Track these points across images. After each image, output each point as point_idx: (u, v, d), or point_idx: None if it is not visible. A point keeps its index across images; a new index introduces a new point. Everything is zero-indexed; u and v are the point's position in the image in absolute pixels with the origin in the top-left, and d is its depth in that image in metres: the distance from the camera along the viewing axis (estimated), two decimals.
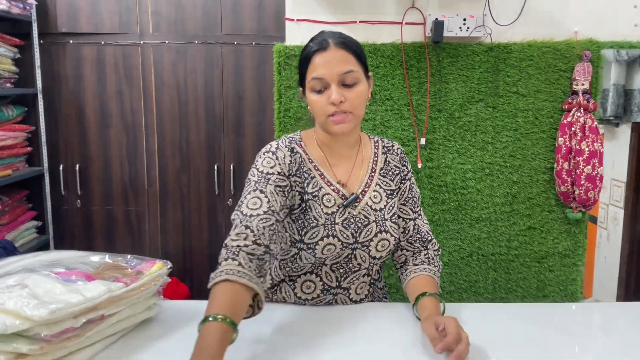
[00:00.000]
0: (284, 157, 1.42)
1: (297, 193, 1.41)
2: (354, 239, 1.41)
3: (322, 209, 1.40)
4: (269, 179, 1.37)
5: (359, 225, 1.41)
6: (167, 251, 3.29)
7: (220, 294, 1.13)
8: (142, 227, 3.29)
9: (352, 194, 1.43)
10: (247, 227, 1.25)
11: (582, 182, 2.39)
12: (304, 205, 1.41)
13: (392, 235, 1.44)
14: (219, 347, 1.02)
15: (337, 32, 1.43)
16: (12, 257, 1.39)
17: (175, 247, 3.30)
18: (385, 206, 1.46)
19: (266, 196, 1.33)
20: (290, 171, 1.42)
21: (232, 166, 3.18)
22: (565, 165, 2.44)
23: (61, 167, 3.23)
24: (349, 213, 1.42)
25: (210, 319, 1.05)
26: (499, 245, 2.59)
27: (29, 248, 3.05)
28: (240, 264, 1.17)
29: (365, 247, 1.42)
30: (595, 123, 2.40)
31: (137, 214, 3.28)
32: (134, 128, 3.19)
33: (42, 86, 3.13)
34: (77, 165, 3.22)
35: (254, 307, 1.21)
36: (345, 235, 1.39)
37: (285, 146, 1.45)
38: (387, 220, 1.44)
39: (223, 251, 1.22)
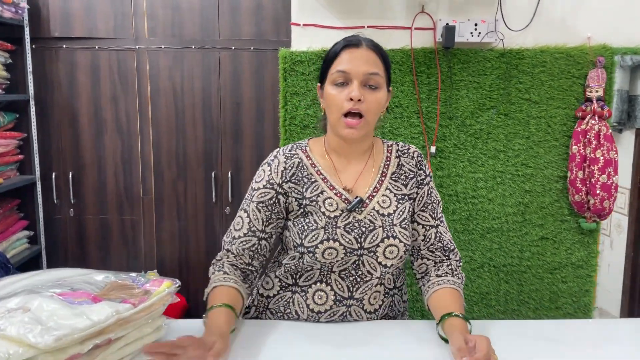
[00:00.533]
0: (277, 165, 1.43)
1: (294, 199, 1.41)
2: (359, 244, 1.36)
3: (322, 212, 1.38)
4: (253, 196, 1.43)
5: (364, 229, 1.37)
6: (163, 261, 3.20)
7: (216, 295, 1.34)
8: (138, 236, 3.19)
9: (357, 197, 1.39)
10: (228, 250, 1.43)
11: (598, 192, 2.34)
12: (301, 210, 1.40)
13: (400, 242, 1.38)
14: (225, 325, 1.23)
15: (370, 38, 1.42)
16: (12, 277, 1.31)
17: (171, 257, 3.21)
18: (394, 211, 1.41)
19: (248, 216, 1.42)
20: (284, 178, 1.42)
21: (229, 173, 3.10)
22: (580, 174, 2.39)
23: (54, 175, 3.13)
24: (354, 218, 1.38)
25: (215, 306, 1.28)
26: (510, 256, 2.54)
27: (20, 259, 2.95)
28: (225, 272, 1.39)
29: (372, 253, 1.37)
30: (610, 131, 2.35)
31: (132, 223, 3.19)
32: (129, 135, 3.10)
33: (34, 92, 3.04)
34: (70, 173, 3.13)
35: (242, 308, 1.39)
36: (347, 240, 1.35)
37: (283, 153, 1.45)
38: (395, 225, 1.39)
39: (210, 268, 1.43)
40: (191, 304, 3.17)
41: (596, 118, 2.35)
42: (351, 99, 1.32)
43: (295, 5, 2.42)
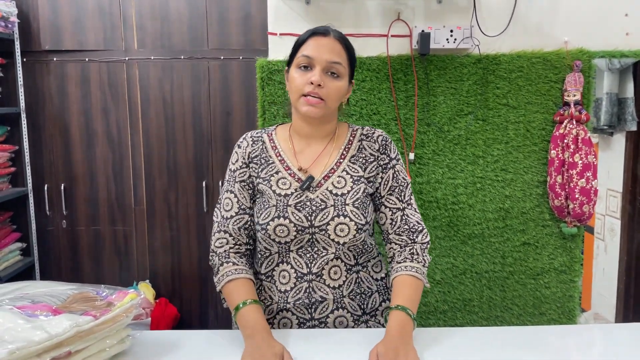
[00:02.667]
0: (246, 147, 1.53)
1: (254, 178, 1.49)
2: (309, 222, 1.41)
3: (273, 191, 1.44)
4: (235, 177, 1.50)
5: (314, 208, 1.41)
6: (156, 271, 3.22)
7: (234, 290, 1.38)
8: (130, 247, 3.22)
9: (309, 176, 1.44)
10: (225, 231, 1.47)
11: (577, 196, 2.32)
12: (257, 188, 1.48)
13: (351, 220, 1.40)
14: (263, 320, 1.31)
15: (339, 31, 1.49)
16: None
17: (163, 266, 3.23)
18: (348, 192, 1.44)
19: (235, 196, 1.49)
20: (250, 159, 1.50)
21: (220, 182, 3.12)
22: (559, 179, 2.37)
23: (46, 187, 3.17)
24: (306, 197, 1.43)
25: (241, 305, 1.33)
26: (493, 262, 2.52)
27: (13, 270, 2.98)
28: (234, 263, 1.43)
29: (323, 232, 1.41)
30: (589, 135, 2.34)
31: (124, 234, 3.21)
32: (120, 146, 3.13)
33: (26, 105, 3.08)
34: (62, 185, 3.16)
35: None
36: (297, 218, 1.40)
37: (251, 136, 1.55)
38: (347, 205, 1.42)
39: (215, 258, 1.46)
40: (184, 313, 3.19)
41: (574, 122, 2.34)
42: (311, 83, 1.38)
43: (272, 15, 2.43)
